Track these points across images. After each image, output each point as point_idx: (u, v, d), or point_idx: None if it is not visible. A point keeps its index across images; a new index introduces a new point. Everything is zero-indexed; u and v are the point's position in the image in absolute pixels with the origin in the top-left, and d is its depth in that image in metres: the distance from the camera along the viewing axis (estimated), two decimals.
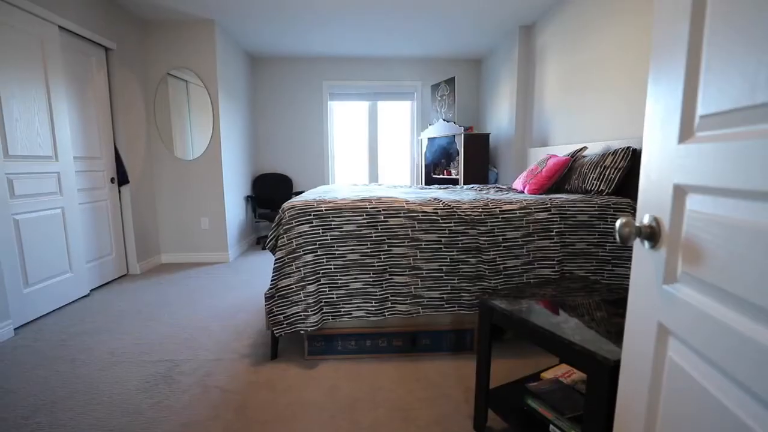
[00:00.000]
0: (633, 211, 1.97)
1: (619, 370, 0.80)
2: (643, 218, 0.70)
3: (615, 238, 1.94)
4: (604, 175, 2.22)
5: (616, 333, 1.08)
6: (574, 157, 2.59)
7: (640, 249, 0.72)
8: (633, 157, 2.18)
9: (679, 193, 0.63)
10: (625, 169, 2.17)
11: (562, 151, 3.01)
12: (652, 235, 0.68)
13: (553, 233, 1.95)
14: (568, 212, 1.97)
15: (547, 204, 1.99)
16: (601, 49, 2.68)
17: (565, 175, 2.57)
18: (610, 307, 1.30)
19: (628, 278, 1.93)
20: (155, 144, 3.79)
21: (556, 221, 1.96)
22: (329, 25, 3.77)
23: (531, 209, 1.97)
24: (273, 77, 4.92)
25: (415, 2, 3.24)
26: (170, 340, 2.18)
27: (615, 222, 1.94)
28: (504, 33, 4.00)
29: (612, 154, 2.25)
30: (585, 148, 2.62)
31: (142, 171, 3.66)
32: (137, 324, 2.40)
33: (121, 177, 3.37)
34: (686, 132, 0.62)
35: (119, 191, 3.41)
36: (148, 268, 3.69)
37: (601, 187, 2.22)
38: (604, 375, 0.94)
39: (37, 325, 2.40)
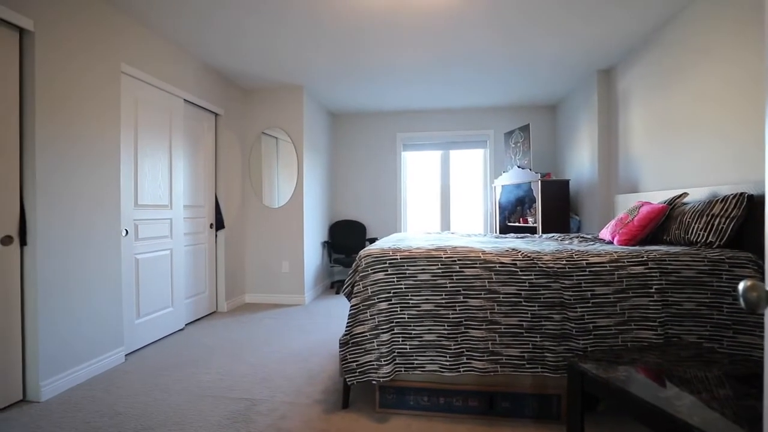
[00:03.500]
0: (756, 267, 1.69)
1: None
2: None
3: (738, 302, 1.66)
4: (713, 224, 1.96)
5: (748, 418, 0.90)
6: (673, 204, 2.34)
7: None
8: (749, 204, 1.90)
9: None
10: (738, 219, 1.89)
11: (655, 197, 2.74)
12: None
13: (653, 290, 1.74)
14: (670, 267, 1.75)
15: (642, 257, 1.80)
16: (697, 87, 2.48)
17: (661, 225, 2.32)
18: (736, 384, 1.09)
19: (758, 349, 1.62)
20: (247, 193, 4.25)
21: (656, 276, 1.74)
22: (404, 83, 4.04)
23: (624, 262, 1.79)
24: (351, 131, 5.32)
25: (491, 58, 3.35)
26: (250, 378, 2.29)
27: (733, 280, 1.68)
28: (580, 78, 3.92)
29: (721, 201, 1.98)
30: (685, 194, 2.36)
31: (235, 217, 4.09)
32: (222, 360, 2.57)
33: (219, 223, 3.80)
34: None
35: (216, 235, 3.83)
36: (234, 306, 3.99)
37: (709, 239, 1.95)
38: None
39: (141, 353, 2.69)
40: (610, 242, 2.43)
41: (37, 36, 2.04)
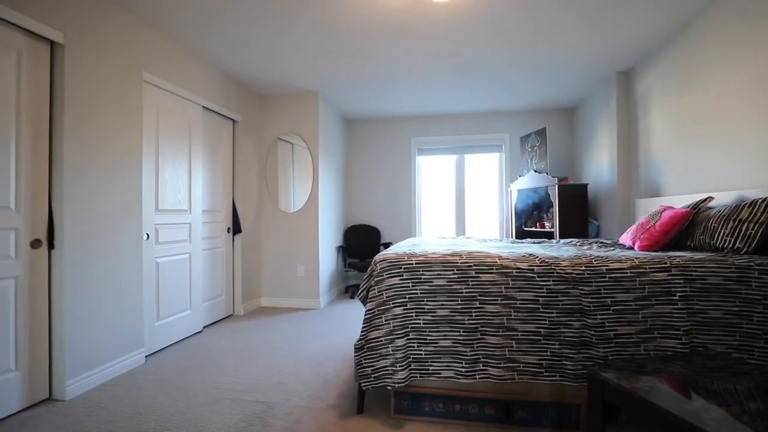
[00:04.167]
0: None
1: None
2: None
3: None
4: (740, 230, 1.89)
5: None
6: (697, 208, 2.27)
7: None
8: None
9: None
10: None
11: (678, 202, 2.66)
12: None
13: (677, 298, 1.68)
14: (695, 273, 1.69)
15: (665, 263, 1.75)
16: (720, 89, 2.41)
17: (685, 230, 2.25)
18: None
19: None
20: (264, 198, 4.31)
21: (680, 283, 1.69)
22: (417, 89, 4.04)
23: (645, 268, 1.74)
24: (365, 136, 5.35)
25: (504, 63, 3.33)
26: (266, 381, 2.30)
27: (763, 287, 1.62)
28: (598, 80, 3.85)
29: (749, 206, 1.92)
30: (710, 198, 2.29)
31: (252, 222, 4.15)
32: (239, 363, 2.60)
33: (236, 227, 3.86)
34: None
35: (233, 239, 3.89)
36: (250, 310, 4.04)
37: (736, 245, 1.88)
38: None
39: (160, 355, 2.75)
40: (631, 248, 2.37)
41: (66, 48, 2.12)
